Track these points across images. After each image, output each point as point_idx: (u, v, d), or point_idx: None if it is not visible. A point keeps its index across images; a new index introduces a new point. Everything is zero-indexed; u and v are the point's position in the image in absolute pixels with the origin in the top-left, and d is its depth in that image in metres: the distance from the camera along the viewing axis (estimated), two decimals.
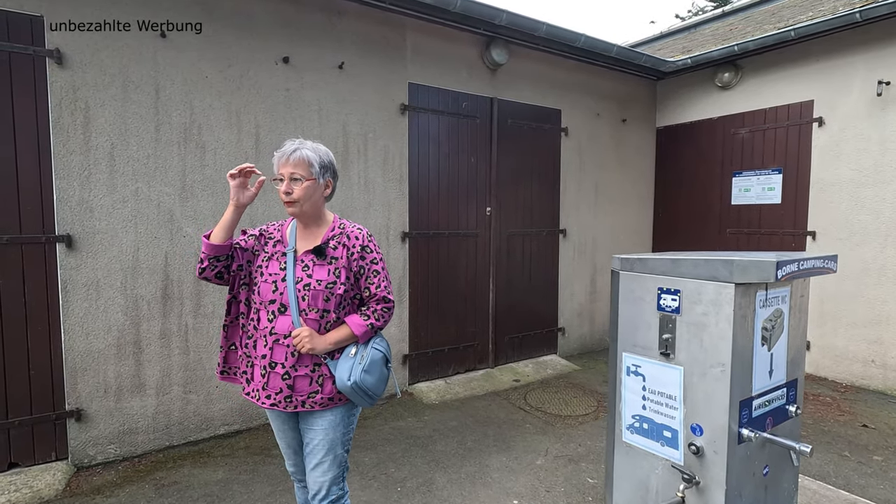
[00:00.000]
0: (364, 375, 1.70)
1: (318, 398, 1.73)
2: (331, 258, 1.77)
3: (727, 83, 5.31)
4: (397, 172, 4.19)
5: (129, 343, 3.16)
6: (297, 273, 1.74)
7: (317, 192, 1.77)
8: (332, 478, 1.79)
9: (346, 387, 1.68)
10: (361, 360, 1.73)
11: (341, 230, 1.83)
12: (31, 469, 2.90)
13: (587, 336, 5.69)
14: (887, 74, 4.23)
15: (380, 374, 1.77)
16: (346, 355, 1.75)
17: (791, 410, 1.85)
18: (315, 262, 1.76)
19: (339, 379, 1.69)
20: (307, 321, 1.72)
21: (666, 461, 1.78)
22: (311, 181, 1.74)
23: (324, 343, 1.70)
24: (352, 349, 1.76)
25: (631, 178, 5.93)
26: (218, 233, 1.74)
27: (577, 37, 4.65)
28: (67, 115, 2.92)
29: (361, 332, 1.76)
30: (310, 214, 1.79)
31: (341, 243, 1.80)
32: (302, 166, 1.72)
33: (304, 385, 1.72)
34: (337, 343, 1.74)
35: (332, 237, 1.81)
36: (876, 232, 4.37)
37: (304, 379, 1.72)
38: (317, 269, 1.75)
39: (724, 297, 1.59)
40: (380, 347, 1.82)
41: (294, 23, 3.62)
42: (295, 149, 1.73)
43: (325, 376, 1.74)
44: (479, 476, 2.98)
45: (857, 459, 3.16)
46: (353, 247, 1.80)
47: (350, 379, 1.68)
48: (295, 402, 1.72)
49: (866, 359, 4.44)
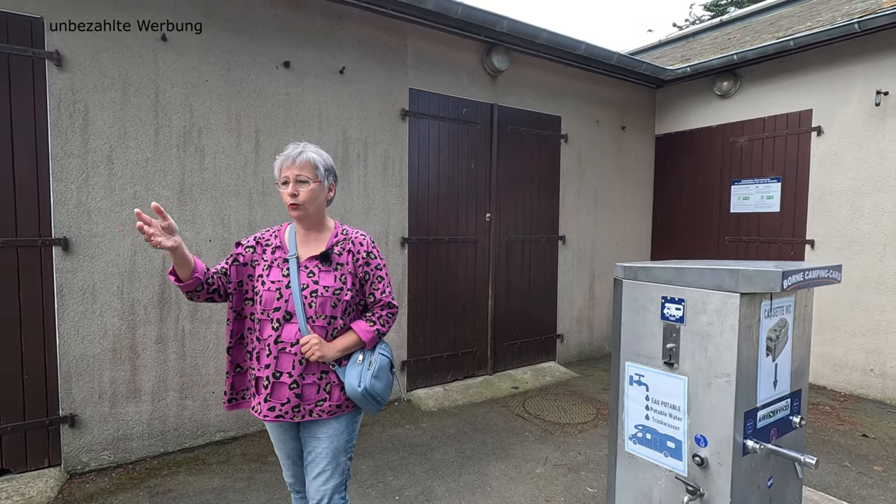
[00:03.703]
0: (374, 381, 1.70)
1: (325, 406, 1.71)
2: (337, 264, 1.75)
3: (726, 92, 5.34)
4: (397, 178, 4.18)
5: (125, 348, 3.12)
6: (302, 279, 1.70)
7: (321, 195, 1.76)
8: (335, 486, 1.76)
9: (357, 393, 1.67)
10: (370, 366, 1.72)
11: (345, 236, 1.81)
12: (23, 476, 2.85)
13: (586, 343, 5.67)
14: (885, 84, 4.26)
15: (387, 379, 1.77)
16: (353, 362, 1.73)
17: (795, 421, 1.83)
18: (321, 268, 1.73)
19: (349, 385, 1.68)
20: (314, 328, 1.69)
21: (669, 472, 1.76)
22: (318, 183, 1.72)
23: (332, 350, 1.69)
24: (359, 355, 1.75)
25: (630, 185, 5.94)
26: (177, 272, 1.64)
27: (577, 44, 4.66)
28: (66, 118, 2.89)
29: (369, 337, 1.75)
30: (313, 218, 1.76)
31: (346, 249, 1.78)
32: (308, 168, 1.70)
33: (313, 393, 1.70)
34: (345, 350, 1.72)
35: (337, 243, 1.79)
36: (874, 241, 4.38)
37: (313, 387, 1.70)
38: (323, 275, 1.72)
39: (730, 307, 1.57)
40: (385, 353, 1.81)
41: (295, 27, 3.62)
42: (300, 151, 1.71)
43: (332, 384, 1.72)
44: (478, 485, 2.95)
45: (858, 470, 3.14)
46: (358, 253, 1.78)
47: (360, 385, 1.67)
48: (303, 412, 1.69)
49: (865, 368, 4.44)
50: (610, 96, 5.62)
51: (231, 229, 3.44)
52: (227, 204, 3.42)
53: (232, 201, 3.43)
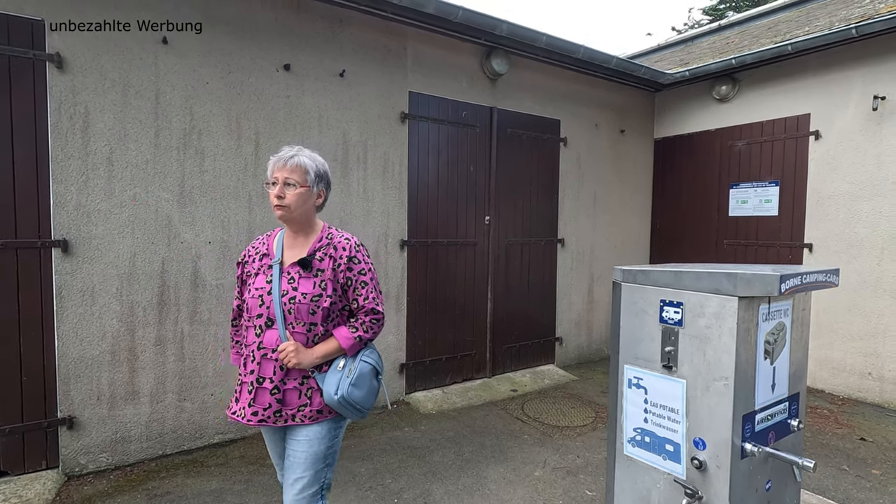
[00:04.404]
0: (352, 389, 1.68)
1: (307, 411, 1.71)
2: (316, 270, 1.73)
3: (725, 96, 5.36)
4: (397, 180, 4.18)
5: (124, 350, 3.12)
6: (282, 286, 1.70)
7: (309, 201, 1.75)
8: (311, 495, 1.73)
9: (334, 401, 1.66)
10: (349, 374, 1.70)
11: (329, 240, 1.79)
12: (21, 478, 2.85)
13: (585, 346, 5.67)
14: (883, 89, 4.28)
15: (369, 386, 1.74)
16: (334, 368, 1.72)
17: (793, 425, 1.84)
18: (301, 274, 1.72)
19: (326, 393, 1.67)
20: (294, 335, 1.69)
21: (668, 475, 1.76)
22: (305, 188, 1.72)
23: (310, 357, 1.68)
24: (340, 362, 1.73)
25: (629, 188, 5.96)
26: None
27: (576, 48, 4.68)
28: (66, 120, 2.90)
29: (349, 344, 1.73)
30: (299, 222, 1.76)
31: (327, 254, 1.76)
32: (298, 172, 1.71)
33: (294, 398, 1.70)
34: (324, 356, 1.71)
35: (319, 248, 1.77)
36: (872, 245, 4.39)
37: (294, 392, 1.70)
38: (302, 281, 1.71)
39: (728, 311, 1.58)
40: (369, 360, 1.78)
41: (296, 30, 3.63)
42: (293, 155, 1.72)
43: (313, 389, 1.72)
44: (477, 488, 2.95)
45: (856, 473, 3.15)
46: (339, 258, 1.76)
47: (337, 393, 1.66)
48: (285, 416, 1.70)
49: (863, 371, 4.45)
50: (609, 100, 5.64)
51: (231, 231, 3.44)
52: (227, 206, 3.42)
53: (232, 203, 3.44)
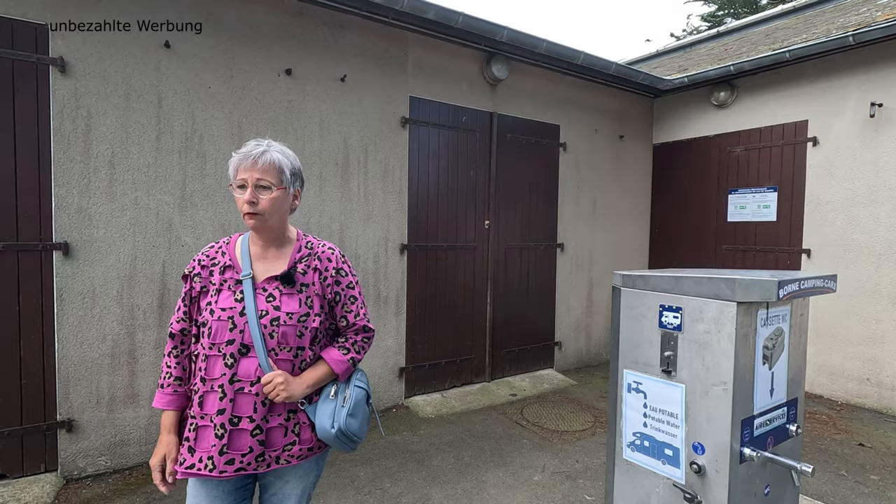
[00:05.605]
0: (349, 420, 1.44)
1: (294, 450, 1.44)
2: (301, 285, 1.47)
3: (723, 102, 5.39)
4: (397, 185, 4.20)
5: (124, 353, 3.12)
6: (259, 305, 1.41)
7: (285, 204, 1.47)
8: None
9: (331, 435, 1.42)
10: (345, 403, 1.46)
11: (310, 250, 1.53)
12: (19, 481, 2.84)
13: (584, 350, 5.68)
14: (880, 96, 4.31)
15: (364, 415, 1.52)
16: (325, 397, 1.47)
17: (792, 430, 1.85)
18: (283, 290, 1.45)
19: (321, 427, 1.42)
20: (278, 362, 1.41)
21: (667, 480, 1.77)
22: (282, 190, 1.44)
23: (301, 387, 1.41)
24: (331, 389, 1.49)
25: (628, 193, 5.98)
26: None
27: (576, 54, 4.71)
28: (69, 123, 2.91)
29: (342, 369, 1.50)
30: (274, 229, 1.48)
31: (312, 266, 1.51)
32: (271, 172, 1.42)
33: (279, 437, 1.42)
34: (315, 384, 1.46)
35: (301, 259, 1.51)
36: (870, 251, 4.41)
37: (279, 430, 1.42)
38: (285, 299, 1.44)
39: (727, 316, 1.59)
40: (361, 384, 1.55)
41: (297, 36, 3.65)
42: (263, 151, 1.42)
43: (302, 424, 1.46)
44: (476, 492, 2.95)
45: (855, 479, 3.15)
46: (325, 270, 1.52)
47: (334, 426, 1.41)
48: (268, 460, 1.41)
49: (861, 377, 4.46)
50: (608, 106, 5.67)
51: (231, 234, 3.45)
52: (228, 210, 3.43)
53: (232, 207, 3.45)
